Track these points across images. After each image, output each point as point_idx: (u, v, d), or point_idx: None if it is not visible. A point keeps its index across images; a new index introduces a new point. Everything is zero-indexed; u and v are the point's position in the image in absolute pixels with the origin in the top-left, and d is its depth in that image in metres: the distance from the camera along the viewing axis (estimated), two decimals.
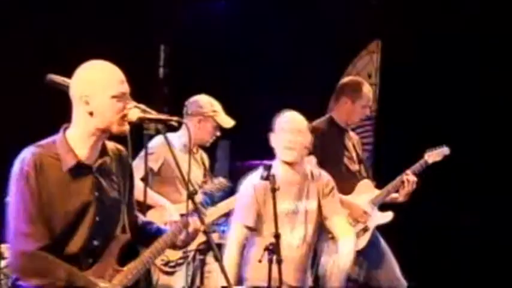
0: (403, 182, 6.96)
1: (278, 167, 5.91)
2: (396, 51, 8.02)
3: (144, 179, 5.09)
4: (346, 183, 6.95)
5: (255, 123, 6.08)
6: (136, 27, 7.76)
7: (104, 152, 4.52)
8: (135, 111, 4.59)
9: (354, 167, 7.22)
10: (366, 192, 7.11)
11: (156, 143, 6.15)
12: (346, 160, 7.19)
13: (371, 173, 7.39)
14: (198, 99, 6.78)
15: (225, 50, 8.27)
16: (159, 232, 4.74)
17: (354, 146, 7.26)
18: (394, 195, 7.05)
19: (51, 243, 4.31)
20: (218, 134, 6.72)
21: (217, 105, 6.78)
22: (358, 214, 7.00)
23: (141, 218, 4.82)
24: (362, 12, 8.88)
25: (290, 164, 5.94)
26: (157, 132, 4.82)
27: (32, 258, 4.32)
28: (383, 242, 7.17)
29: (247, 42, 8.34)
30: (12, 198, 4.34)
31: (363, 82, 7.19)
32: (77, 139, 4.46)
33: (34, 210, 4.31)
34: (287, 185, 5.87)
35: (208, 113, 6.71)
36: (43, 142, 4.42)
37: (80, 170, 4.40)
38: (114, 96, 4.36)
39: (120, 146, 4.66)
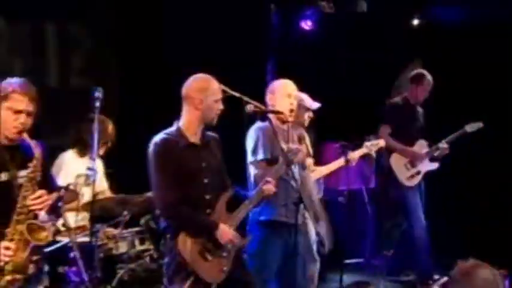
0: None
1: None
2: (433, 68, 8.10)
3: None
4: (412, 139, 7.62)
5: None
6: (252, 47, 7.89)
7: (204, 135, 4.94)
8: (251, 106, 5.11)
9: (418, 130, 7.70)
10: (422, 148, 7.62)
11: None
12: (413, 125, 7.69)
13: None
14: None
15: (313, 61, 8.42)
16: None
17: (419, 117, 7.73)
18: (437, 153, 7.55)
19: (180, 198, 4.72)
20: (311, 114, 6.49)
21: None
22: (416, 159, 7.54)
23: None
24: (408, 37, 9.01)
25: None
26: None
27: (169, 209, 4.78)
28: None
29: (326, 58, 8.52)
30: (151, 168, 4.80)
31: (425, 74, 7.61)
32: (187, 127, 4.87)
33: (165, 175, 4.74)
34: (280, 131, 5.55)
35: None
36: (166, 131, 4.86)
37: (191, 147, 4.84)
38: (216, 101, 4.83)
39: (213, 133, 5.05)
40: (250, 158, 5.57)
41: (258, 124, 5.63)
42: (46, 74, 6.99)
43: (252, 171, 5.58)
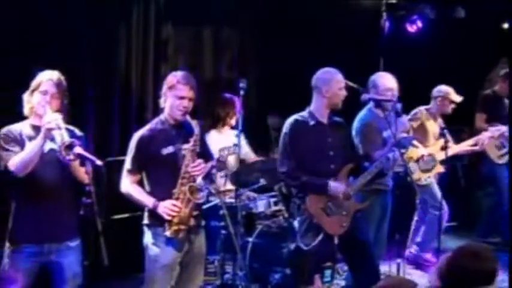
0: None
1: None
2: None
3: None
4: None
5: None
6: (367, 47, 7.80)
7: (330, 117, 4.92)
8: (366, 95, 5.12)
9: (505, 117, 7.27)
10: None
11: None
12: (501, 113, 7.34)
13: None
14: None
15: (417, 60, 8.20)
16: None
17: (505, 107, 7.41)
18: None
19: (306, 167, 4.75)
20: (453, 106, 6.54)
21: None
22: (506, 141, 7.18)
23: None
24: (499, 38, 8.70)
25: None
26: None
27: (289, 176, 4.84)
28: None
29: (431, 55, 8.30)
30: (280, 142, 4.90)
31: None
32: (317, 110, 4.87)
33: (289, 149, 4.79)
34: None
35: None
36: (299, 113, 4.90)
37: (318, 126, 4.86)
38: (339, 89, 4.79)
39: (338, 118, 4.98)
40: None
41: (364, 120, 5.47)
42: (203, 68, 7.10)
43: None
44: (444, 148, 6.08)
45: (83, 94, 5.96)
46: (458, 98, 6.59)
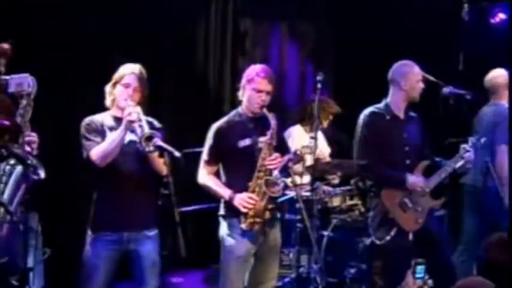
0: None
1: None
2: None
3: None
4: None
5: None
6: (447, 41, 7.57)
7: (406, 112, 4.82)
8: (447, 89, 4.99)
9: None
10: None
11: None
12: None
13: None
14: None
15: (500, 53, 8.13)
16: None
17: None
18: None
19: (381, 162, 4.69)
20: None
21: None
22: None
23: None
24: None
25: None
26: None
27: (369, 167, 4.78)
28: None
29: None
30: (356, 134, 4.78)
31: None
32: (394, 104, 4.78)
33: (365, 141, 4.75)
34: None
35: None
36: (375, 105, 4.80)
37: (394, 120, 4.75)
38: (417, 81, 4.70)
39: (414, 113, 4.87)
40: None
41: None
42: (280, 61, 7.11)
43: None
44: None
45: (162, 86, 6.06)
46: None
